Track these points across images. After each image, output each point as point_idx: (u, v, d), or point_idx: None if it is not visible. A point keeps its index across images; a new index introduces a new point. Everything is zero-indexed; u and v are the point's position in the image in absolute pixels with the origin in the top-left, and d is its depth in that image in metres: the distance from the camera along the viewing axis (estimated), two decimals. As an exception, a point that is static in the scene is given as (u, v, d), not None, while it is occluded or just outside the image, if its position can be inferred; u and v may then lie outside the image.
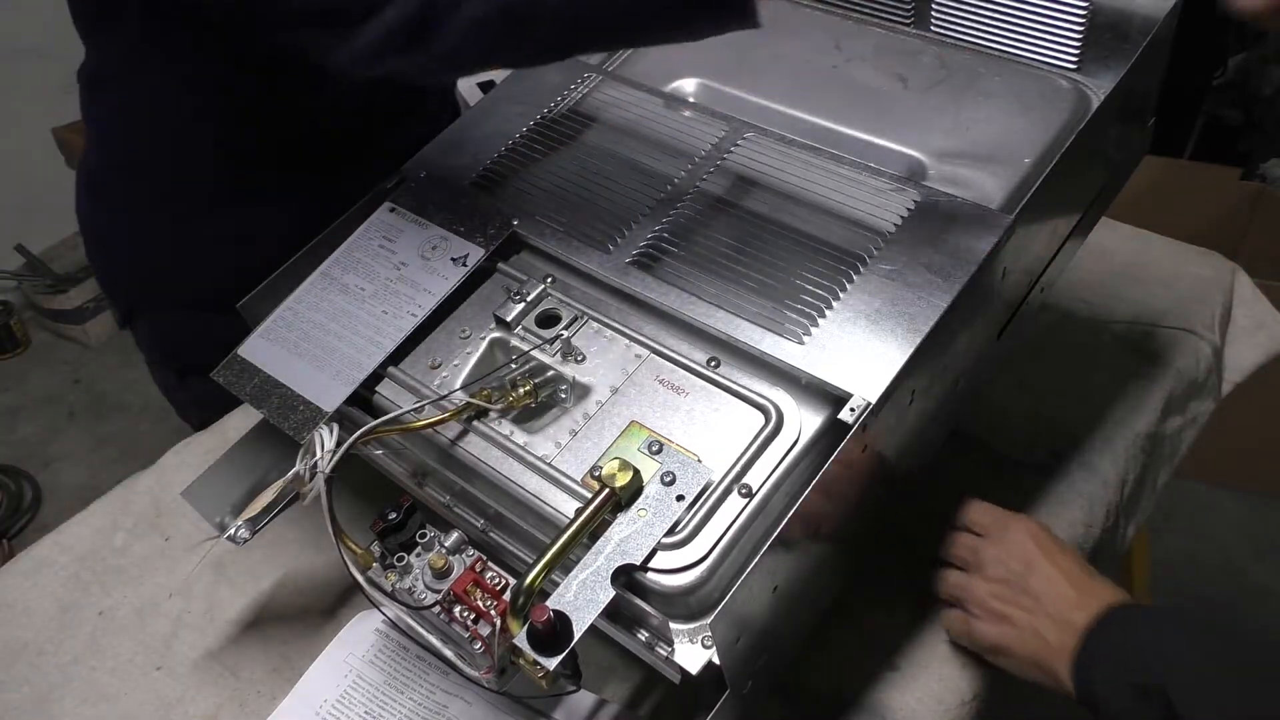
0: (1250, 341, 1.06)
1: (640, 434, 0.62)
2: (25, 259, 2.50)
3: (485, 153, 0.80)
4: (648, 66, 0.88)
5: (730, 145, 0.76)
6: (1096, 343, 0.98)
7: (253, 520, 0.69)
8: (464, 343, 0.70)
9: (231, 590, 0.81)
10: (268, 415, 0.67)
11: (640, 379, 0.65)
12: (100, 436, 2.30)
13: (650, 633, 0.59)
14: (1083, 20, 0.77)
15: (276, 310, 0.72)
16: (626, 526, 0.56)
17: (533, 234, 0.73)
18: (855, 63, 0.84)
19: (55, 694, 0.75)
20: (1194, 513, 1.88)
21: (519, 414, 0.65)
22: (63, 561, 0.84)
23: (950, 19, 0.83)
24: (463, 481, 0.66)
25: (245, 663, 0.76)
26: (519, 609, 0.54)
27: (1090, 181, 0.79)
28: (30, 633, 0.79)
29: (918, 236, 0.67)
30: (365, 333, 0.69)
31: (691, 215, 0.72)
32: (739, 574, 0.56)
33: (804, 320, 0.64)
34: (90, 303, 2.49)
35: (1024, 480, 0.84)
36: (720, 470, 0.59)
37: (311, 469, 0.63)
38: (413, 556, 0.62)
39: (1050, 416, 0.89)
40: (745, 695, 0.58)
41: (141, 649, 0.77)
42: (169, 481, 0.89)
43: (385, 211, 0.77)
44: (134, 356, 1.10)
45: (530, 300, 0.70)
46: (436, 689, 0.71)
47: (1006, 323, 0.74)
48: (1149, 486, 0.92)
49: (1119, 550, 0.88)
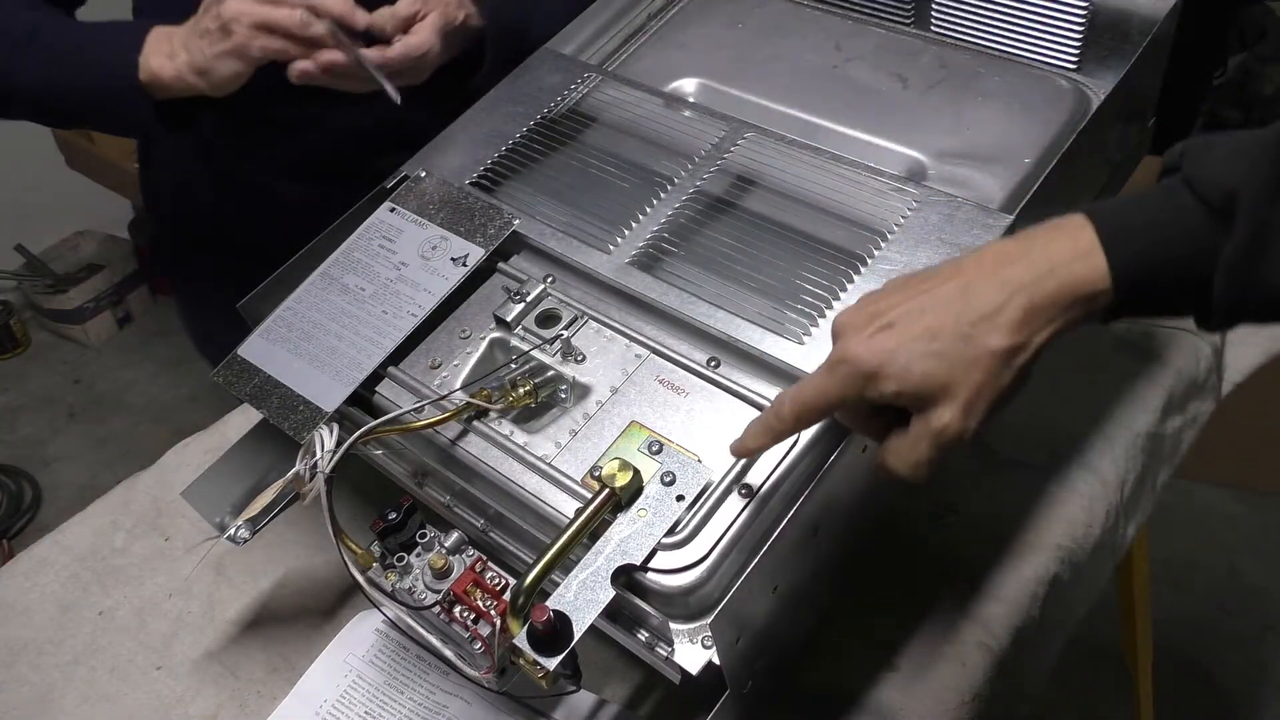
0: (1250, 341, 1.06)
1: (640, 434, 0.62)
2: (25, 259, 2.51)
3: (485, 153, 0.80)
4: (648, 66, 0.88)
5: (730, 145, 0.76)
6: (1096, 343, 0.98)
7: (253, 520, 0.69)
8: (464, 343, 0.70)
9: (231, 590, 0.81)
10: (268, 415, 0.67)
11: (640, 379, 0.65)
12: (100, 436, 2.30)
13: (650, 633, 0.59)
14: (1083, 20, 0.77)
15: (276, 310, 0.72)
16: (626, 526, 0.56)
17: (533, 234, 0.73)
18: (855, 63, 0.84)
19: (55, 694, 0.75)
20: (1194, 513, 1.88)
21: (519, 414, 0.65)
22: (63, 561, 0.84)
23: (950, 19, 0.84)
24: (463, 481, 0.66)
25: (245, 663, 0.76)
26: (519, 609, 0.54)
27: (1090, 181, 0.79)
28: (30, 633, 0.79)
29: (918, 236, 0.67)
30: (365, 333, 0.69)
31: (691, 215, 0.72)
32: (739, 574, 0.56)
33: (804, 320, 0.64)
34: (90, 303, 2.49)
35: (1024, 480, 0.84)
36: (720, 470, 0.59)
37: (311, 469, 0.63)
38: (413, 556, 0.62)
39: (1050, 416, 0.89)
40: (745, 695, 0.58)
41: (141, 649, 0.77)
42: (169, 481, 0.89)
43: (385, 211, 0.77)
44: (134, 356, 1.12)
45: (530, 300, 0.70)
46: (436, 689, 0.71)
47: (1006, 323, 0.74)
48: (1149, 486, 0.92)
49: (1119, 550, 0.88)
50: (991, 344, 0.49)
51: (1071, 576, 0.80)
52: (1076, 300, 0.49)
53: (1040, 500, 0.82)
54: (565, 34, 0.89)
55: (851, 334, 0.52)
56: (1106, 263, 0.48)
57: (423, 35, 0.86)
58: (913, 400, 0.50)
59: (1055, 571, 0.78)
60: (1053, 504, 0.82)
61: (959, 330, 0.49)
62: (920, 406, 0.50)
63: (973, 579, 0.77)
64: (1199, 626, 1.72)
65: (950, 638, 0.73)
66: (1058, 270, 0.49)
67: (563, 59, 0.86)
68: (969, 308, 0.49)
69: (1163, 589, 1.74)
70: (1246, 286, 0.47)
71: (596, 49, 0.90)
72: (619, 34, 0.91)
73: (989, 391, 0.49)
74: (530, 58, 0.87)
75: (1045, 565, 0.78)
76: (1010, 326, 0.49)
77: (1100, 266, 0.48)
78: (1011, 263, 0.50)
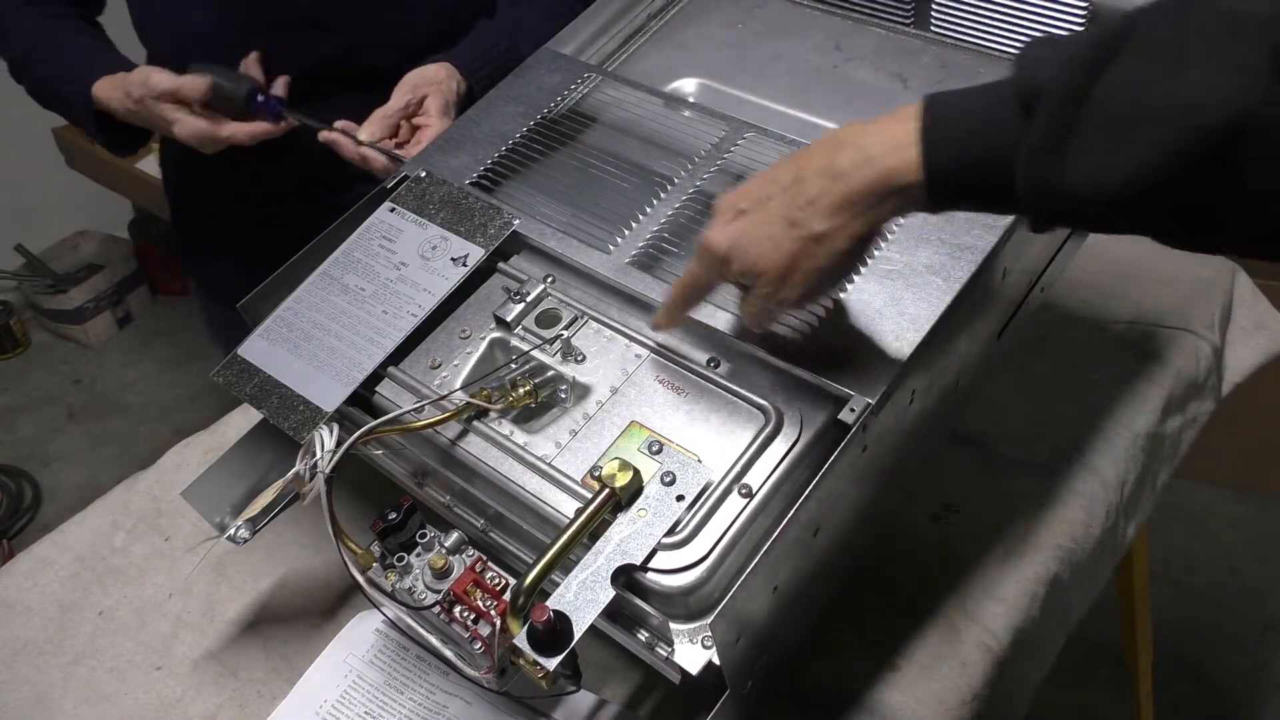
0: (1250, 341, 1.06)
1: (640, 434, 0.62)
2: (25, 259, 2.51)
3: (485, 153, 0.80)
4: (648, 66, 0.88)
5: (730, 145, 0.76)
6: (1096, 342, 0.98)
7: (253, 520, 0.69)
8: (464, 343, 0.70)
9: (231, 590, 0.81)
10: (268, 415, 0.67)
11: (640, 379, 0.65)
12: (100, 436, 2.30)
13: (650, 633, 0.59)
14: (1083, 20, 0.77)
15: (277, 310, 0.72)
16: (626, 526, 0.56)
17: (533, 234, 0.73)
18: (855, 63, 0.84)
19: (55, 694, 0.75)
20: (1194, 513, 1.88)
21: (519, 414, 0.65)
22: (63, 561, 0.84)
23: (950, 19, 0.83)
24: (463, 481, 0.66)
25: (245, 663, 0.76)
26: (519, 609, 0.54)
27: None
28: (30, 633, 0.79)
29: (918, 236, 0.67)
30: (365, 333, 0.69)
31: (691, 215, 0.72)
32: (739, 574, 0.56)
33: (804, 320, 0.64)
34: (90, 303, 2.49)
35: (1024, 480, 0.84)
36: (720, 470, 0.59)
37: (311, 469, 0.63)
38: (413, 556, 0.62)
39: (1050, 416, 0.89)
40: (745, 695, 0.58)
41: (141, 649, 0.77)
42: (169, 481, 0.89)
43: (385, 211, 0.77)
44: (134, 356, 1.12)
45: (530, 300, 0.70)
46: (436, 689, 0.72)
47: (1006, 323, 0.74)
48: (1149, 486, 0.92)
49: (1119, 550, 0.88)
50: (812, 229, 0.53)
51: (1071, 576, 0.80)
52: (890, 191, 0.51)
53: (1040, 500, 0.82)
54: (565, 34, 0.89)
55: (715, 222, 0.57)
56: (920, 156, 0.50)
57: (433, 130, 0.91)
58: (750, 277, 0.56)
59: (1055, 571, 0.78)
60: (1053, 504, 0.82)
61: (788, 216, 0.54)
62: (754, 281, 0.56)
63: (973, 579, 0.77)
64: (1199, 626, 1.72)
65: (950, 638, 0.73)
66: (875, 161, 0.51)
67: (563, 59, 0.86)
68: (799, 195, 0.53)
69: (1163, 589, 1.74)
70: (1045, 182, 0.46)
71: (596, 49, 0.90)
72: (619, 34, 0.91)
73: (806, 267, 0.54)
74: (530, 58, 0.87)
75: (1045, 565, 0.78)
76: (827, 212, 0.52)
77: (914, 160, 0.50)
78: (840, 151, 0.52)
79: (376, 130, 0.92)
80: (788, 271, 0.54)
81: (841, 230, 0.53)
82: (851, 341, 0.62)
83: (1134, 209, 0.44)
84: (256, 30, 0.99)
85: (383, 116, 0.93)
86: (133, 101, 0.94)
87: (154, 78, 0.93)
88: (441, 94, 0.94)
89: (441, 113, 0.93)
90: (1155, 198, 0.43)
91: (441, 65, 0.97)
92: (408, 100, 0.93)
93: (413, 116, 0.94)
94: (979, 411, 0.88)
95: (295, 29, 0.99)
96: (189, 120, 0.93)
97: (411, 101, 0.93)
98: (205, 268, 1.20)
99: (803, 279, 0.55)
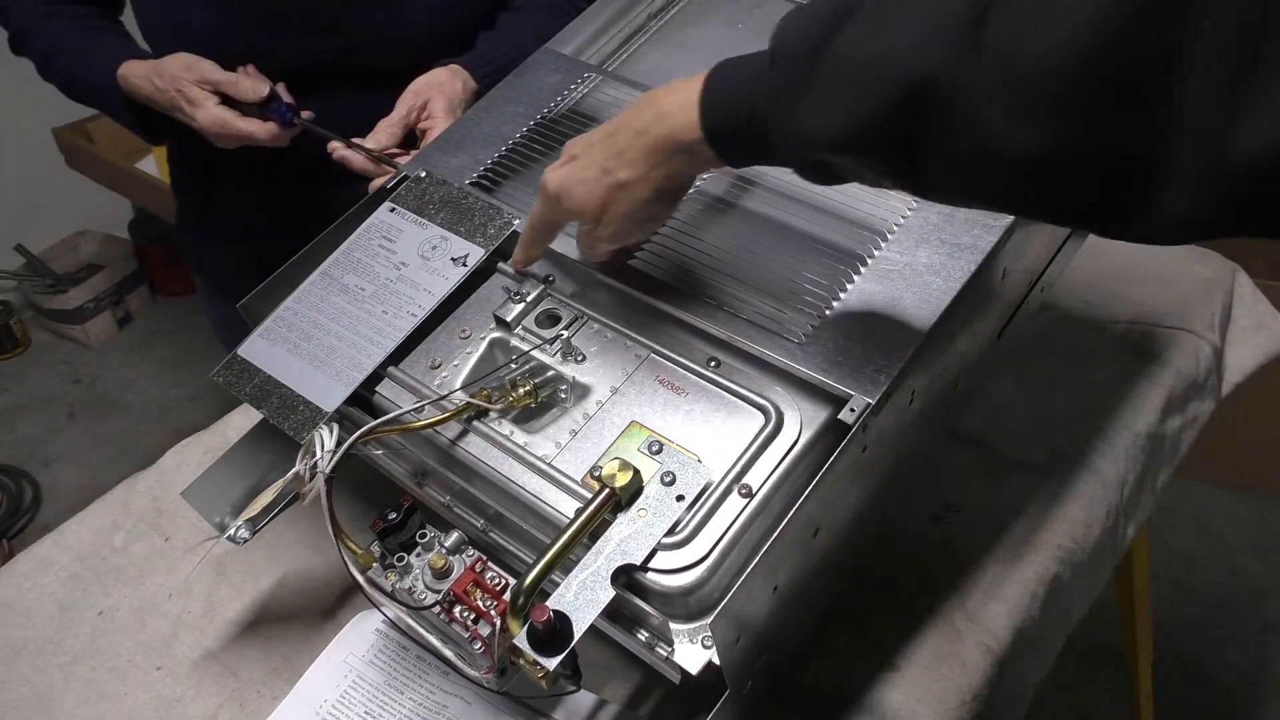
0: (1250, 341, 1.06)
1: (640, 434, 0.62)
2: (25, 259, 2.51)
3: (485, 153, 0.80)
4: (648, 66, 0.88)
5: (730, 145, 0.76)
6: (1096, 343, 0.98)
7: (253, 520, 0.69)
8: (464, 343, 0.70)
9: (231, 590, 0.81)
10: (268, 415, 0.67)
11: (640, 379, 0.65)
12: (100, 436, 2.30)
13: (650, 633, 0.59)
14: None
15: (276, 310, 0.72)
16: (626, 526, 0.56)
17: (533, 234, 0.73)
18: (855, 63, 0.84)
19: (55, 694, 0.75)
20: (1194, 513, 1.89)
21: (519, 414, 0.65)
22: (63, 561, 0.84)
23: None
24: (463, 481, 0.66)
25: (245, 663, 0.76)
26: (519, 609, 0.54)
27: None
28: (30, 633, 0.79)
29: (918, 236, 0.67)
30: (365, 333, 0.69)
31: (691, 215, 0.72)
32: (739, 574, 0.56)
33: (804, 320, 0.64)
34: (90, 303, 2.49)
35: (1024, 480, 0.84)
36: (720, 470, 0.59)
37: (311, 469, 0.63)
38: (413, 556, 0.62)
39: (1050, 416, 0.89)
40: (745, 695, 0.58)
41: (141, 649, 0.77)
42: (169, 481, 0.89)
43: (385, 211, 0.77)
44: (134, 356, 1.12)
45: (530, 300, 0.70)
46: (436, 689, 0.72)
47: (1006, 323, 0.74)
48: (1149, 486, 0.92)
49: (1119, 550, 0.89)
50: (618, 177, 0.59)
51: (1071, 576, 0.80)
52: (678, 148, 0.56)
53: (1040, 500, 0.82)
54: (565, 34, 0.89)
55: (553, 166, 0.63)
56: (699, 116, 0.54)
57: (438, 130, 0.91)
58: (576, 216, 0.63)
59: (1055, 571, 0.78)
60: (1053, 504, 0.82)
61: (602, 164, 0.60)
62: (579, 219, 0.63)
63: (973, 579, 0.77)
64: (1199, 626, 1.72)
65: (950, 638, 0.73)
66: (666, 119, 0.56)
67: (563, 59, 0.86)
68: (612, 146, 0.59)
69: (1163, 589, 1.74)
70: (786, 130, 0.50)
71: (596, 49, 0.90)
72: (619, 34, 0.91)
73: (613, 211, 0.61)
74: (530, 58, 0.87)
75: (1045, 565, 0.78)
76: (629, 164, 0.58)
77: (694, 120, 0.54)
78: (647, 108, 0.57)
79: (383, 139, 0.92)
80: (599, 213, 0.61)
81: (641, 181, 0.59)
82: (851, 341, 0.62)
83: (860, 156, 0.48)
84: (256, 29, 0.99)
85: (388, 125, 0.93)
86: (162, 82, 0.95)
87: (203, 64, 0.94)
88: (445, 95, 0.94)
89: (446, 112, 0.93)
90: (868, 144, 0.47)
91: (446, 68, 0.97)
92: (410, 106, 0.94)
93: (418, 122, 0.94)
94: (979, 411, 0.88)
95: (295, 28, 0.99)
96: (214, 109, 0.94)
97: (414, 107, 0.94)
98: (210, 260, 1.21)
99: (611, 220, 0.61)
